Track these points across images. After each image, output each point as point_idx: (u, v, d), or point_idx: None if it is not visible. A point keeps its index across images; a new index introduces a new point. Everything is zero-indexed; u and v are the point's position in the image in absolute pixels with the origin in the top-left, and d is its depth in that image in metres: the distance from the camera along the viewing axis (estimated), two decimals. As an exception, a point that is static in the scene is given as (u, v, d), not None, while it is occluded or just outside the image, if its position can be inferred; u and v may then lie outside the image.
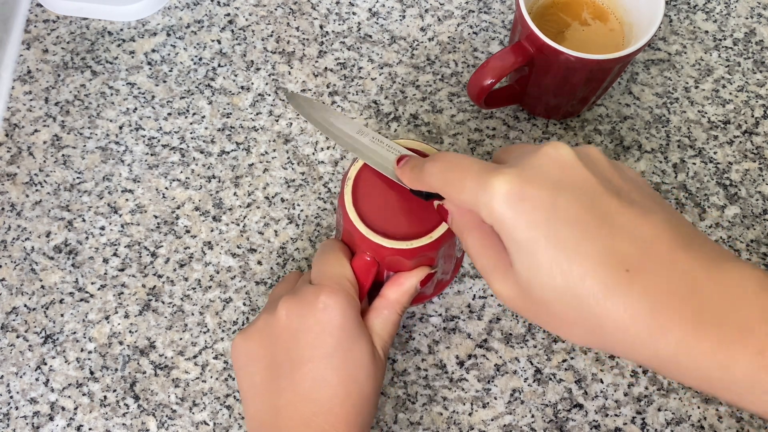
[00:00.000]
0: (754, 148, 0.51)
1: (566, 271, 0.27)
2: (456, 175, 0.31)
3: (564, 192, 0.28)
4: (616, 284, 0.26)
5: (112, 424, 0.44)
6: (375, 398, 0.37)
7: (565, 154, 0.29)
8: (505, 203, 0.28)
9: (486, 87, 0.45)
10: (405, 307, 0.40)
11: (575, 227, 0.27)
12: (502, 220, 0.28)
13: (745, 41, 0.54)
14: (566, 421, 0.44)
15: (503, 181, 0.28)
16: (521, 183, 0.28)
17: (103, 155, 0.51)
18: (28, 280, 0.47)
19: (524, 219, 0.28)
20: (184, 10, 0.55)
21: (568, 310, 0.28)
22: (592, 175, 0.29)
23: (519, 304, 0.30)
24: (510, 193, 0.28)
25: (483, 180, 0.29)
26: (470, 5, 0.55)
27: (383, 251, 0.38)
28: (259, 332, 0.38)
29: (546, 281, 0.28)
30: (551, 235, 0.27)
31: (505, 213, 0.28)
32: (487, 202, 0.29)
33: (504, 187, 0.28)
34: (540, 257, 0.27)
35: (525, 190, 0.28)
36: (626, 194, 0.29)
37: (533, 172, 0.29)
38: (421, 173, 0.33)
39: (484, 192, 0.29)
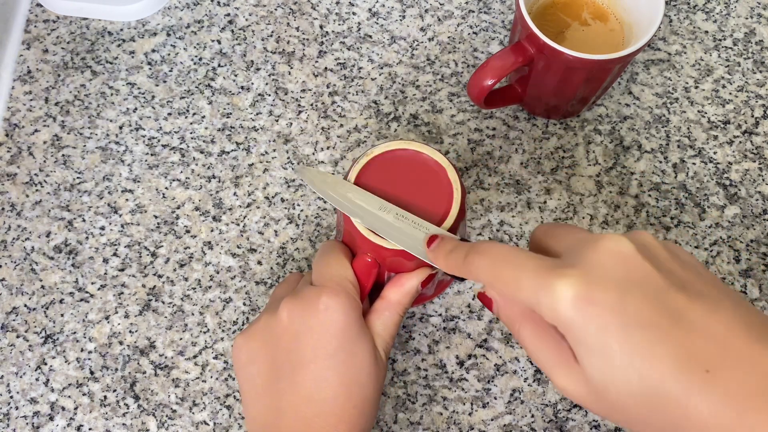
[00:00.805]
0: (754, 148, 0.51)
1: (643, 376, 0.26)
2: (509, 272, 0.30)
3: (631, 292, 0.27)
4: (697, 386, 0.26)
5: (112, 424, 0.44)
6: (376, 399, 0.37)
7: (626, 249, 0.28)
8: (572, 308, 0.27)
9: (486, 87, 0.45)
10: (406, 308, 0.40)
11: (647, 329, 0.27)
12: (569, 324, 0.28)
13: (745, 41, 0.54)
14: (566, 421, 0.44)
15: (568, 284, 0.27)
16: (587, 285, 0.27)
17: (103, 155, 0.51)
18: (28, 280, 0.47)
19: (595, 323, 0.27)
20: (184, 10, 0.55)
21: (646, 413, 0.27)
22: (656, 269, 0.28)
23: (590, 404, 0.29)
24: (577, 296, 0.27)
25: (544, 281, 0.28)
26: (470, 5, 0.55)
27: (384, 252, 0.38)
28: (261, 333, 0.38)
29: (622, 385, 0.27)
30: (624, 339, 0.27)
31: (574, 317, 0.27)
32: (550, 305, 0.28)
33: (570, 292, 0.27)
34: (614, 362, 0.27)
35: (592, 293, 0.27)
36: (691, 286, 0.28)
37: (598, 273, 0.28)
38: (465, 265, 0.32)
39: (546, 295, 0.28)
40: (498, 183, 0.50)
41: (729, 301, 0.28)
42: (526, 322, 0.31)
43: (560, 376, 0.30)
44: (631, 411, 0.27)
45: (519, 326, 0.32)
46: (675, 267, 0.29)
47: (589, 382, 0.28)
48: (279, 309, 0.37)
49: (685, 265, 0.29)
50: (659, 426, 0.27)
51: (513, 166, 0.50)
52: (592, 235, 0.30)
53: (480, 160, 0.50)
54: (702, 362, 0.26)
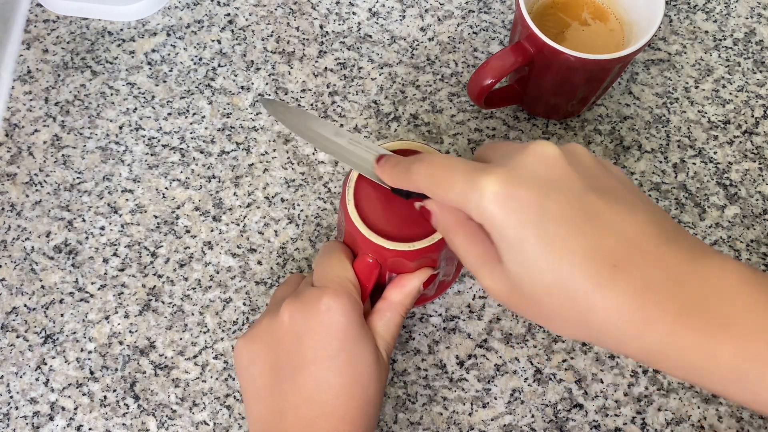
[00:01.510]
0: (754, 148, 0.51)
1: (555, 268, 0.28)
2: (443, 174, 0.31)
3: (551, 190, 0.29)
4: (604, 279, 0.28)
5: (112, 424, 0.44)
6: (378, 400, 0.37)
7: (551, 152, 0.30)
8: (494, 202, 0.29)
9: (486, 87, 0.45)
10: (408, 308, 0.40)
11: (563, 225, 0.28)
12: (491, 219, 0.29)
13: (745, 41, 0.54)
14: (566, 421, 0.44)
15: (492, 181, 0.29)
16: (510, 182, 0.29)
17: (103, 155, 0.51)
18: (28, 280, 0.47)
19: (514, 217, 0.29)
20: (184, 10, 0.55)
21: (557, 304, 0.29)
22: (578, 173, 0.30)
23: (509, 298, 0.31)
24: (499, 192, 0.29)
25: (472, 179, 0.30)
26: (470, 5, 0.55)
27: (385, 253, 0.38)
28: (262, 335, 0.38)
29: (536, 277, 0.29)
30: (540, 232, 0.28)
31: (495, 212, 0.29)
32: (476, 201, 0.29)
33: (493, 187, 0.29)
34: (530, 254, 0.28)
35: (514, 190, 0.29)
36: (611, 192, 0.30)
37: (521, 171, 0.29)
38: (407, 173, 0.34)
39: (473, 191, 0.29)
40: None
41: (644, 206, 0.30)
42: (459, 229, 0.33)
43: (485, 275, 0.31)
44: (544, 303, 0.29)
45: (453, 234, 0.33)
46: (598, 174, 0.30)
47: (508, 279, 0.30)
48: (280, 310, 0.37)
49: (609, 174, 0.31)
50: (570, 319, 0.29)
51: (513, 166, 0.50)
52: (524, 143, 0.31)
53: (480, 160, 0.50)
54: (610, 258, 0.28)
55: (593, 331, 0.29)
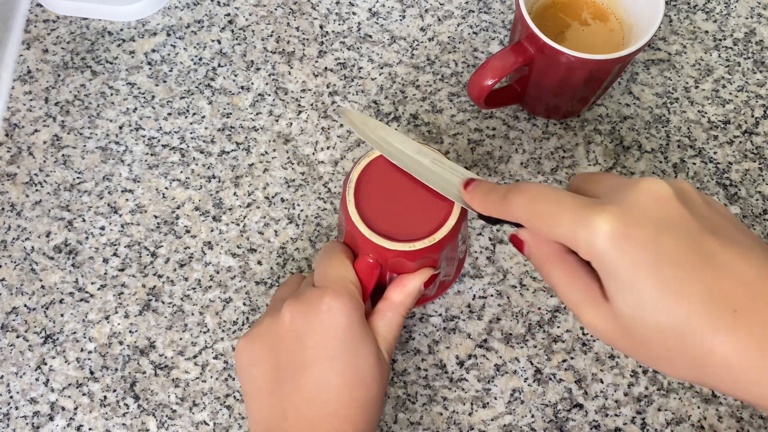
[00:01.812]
0: (754, 148, 0.51)
1: (671, 310, 0.27)
2: (548, 208, 0.30)
3: (666, 231, 0.28)
4: (723, 324, 0.27)
5: (112, 424, 0.44)
6: (380, 400, 0.37)
7: (663, 190, 0.29)
8: (609, 242, 0.28)
9: (486, 87, 0.45)
10: (409, 308, 0.40)
11: (680, 267, 0.28)
12: (604, 258, 0.28)
13: (745, 41, 0.54)
14: (566, 421, 0.44)
15: (606, 219, 0.28)
16: (625, 221, 0.28)
17: (103, 155, 0.51)
18: (28, 280, 0.47)
19: (629, 258, 0.28)
20: (184, 10, 0.55)
21: (671, 347, 0.28)
22: (691, 213, 0.29)
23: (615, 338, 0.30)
24: (614, 231, 0.28)
25: (582, 216, 0.29)
26: (470, 5, 0.55)
27: (386, 253, 0.38)
28: (263, 335, 0.38)
29: (650, 319, 0.28)
30: (656, 274, 0.28)
31: (609, 251, 0.28)
32: (588, 239, 0.29)
33: (608, 226, 0.28)
34: (645, 296, 0.28)
35: (629, 229, 0.28)
36: (724, 231, 0.29)
37: (635, 210, 0.29)
38: (503, 202, 0.33)
39: (584, 228, 0.29)
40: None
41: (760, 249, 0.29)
42: (556, 263, 0.32)
43: (588, 312, 0.30)
44: (657, 346, 0.28)
45: (549, 267, 0.32)
46: (710, 214, 0.30)
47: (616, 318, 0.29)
48: (281, 311, 0.37)
49: (719, 213, 0.30)
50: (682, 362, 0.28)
51: (513, 166, 0.50)
52: (632, 178, 0.31)
53: (480, 160, 0.50)
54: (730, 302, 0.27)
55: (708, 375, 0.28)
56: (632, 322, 0.29)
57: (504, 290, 0.47)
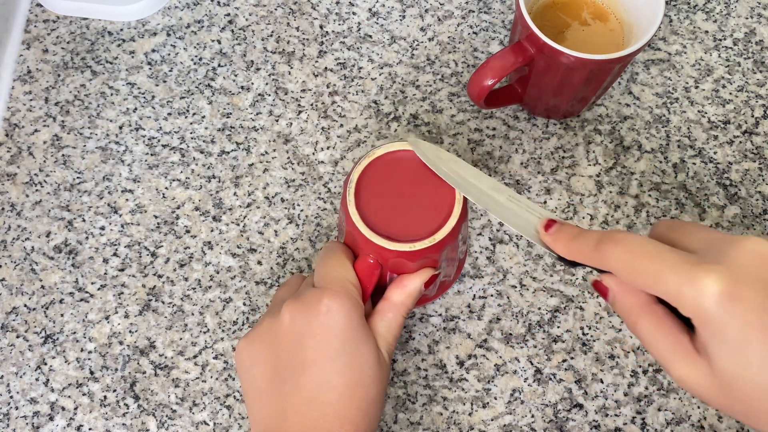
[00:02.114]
0: (754, 148, 0.51)
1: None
2: (650, 264, 0.30)
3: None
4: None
5: (112, 424, 0.44)
6: (380, 401, 0.37)
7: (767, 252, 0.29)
8: (717, 303, 0.28)
9: (486, 87, 0.45)
10: (409, 309, 0.40)
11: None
12: (711, 318, 0.29)
13: (745, 41, 0.54)
14: (566, 421, 0.44)
15: (716, 280, 0.28)
16: (734, 283, 0.28)
17: (103, 155, 0.51)
18: (28, 280, 0.47)
19: (738, 319, 0.28)
20: (184, 10, 0.55)
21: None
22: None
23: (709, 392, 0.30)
24: (723, 292, 0.28)
25: (689, 275, 0.29)
26: (470, 5, 0.55)
27: (386, 254, 0.38)
28: (263, 336, 0.38)
29: (755, 379, 0.28)
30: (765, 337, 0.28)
31: (717, 312, 0.28)
32: (694, 298, 0.29)
33: (717, 287, 0.28)
34: (752, 357, 0.28)
35: (739, 291, 0.28)
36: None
37: (742, 272, 0.29)
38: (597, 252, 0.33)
39: (691, 287, 0.29)
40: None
41: None
42: (645, 314, 0.32)
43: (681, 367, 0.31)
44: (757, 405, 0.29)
45: (637, 317, 0.32)
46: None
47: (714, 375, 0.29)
48: (281, 311, 0.37)
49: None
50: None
51: (513, 166, 0.50)
52: (730, 235, 0.31)
53: (480, 160, 0.50)
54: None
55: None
56: (735, 381, 0.29)
57: (504, 290, 0.47)
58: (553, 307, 0.47)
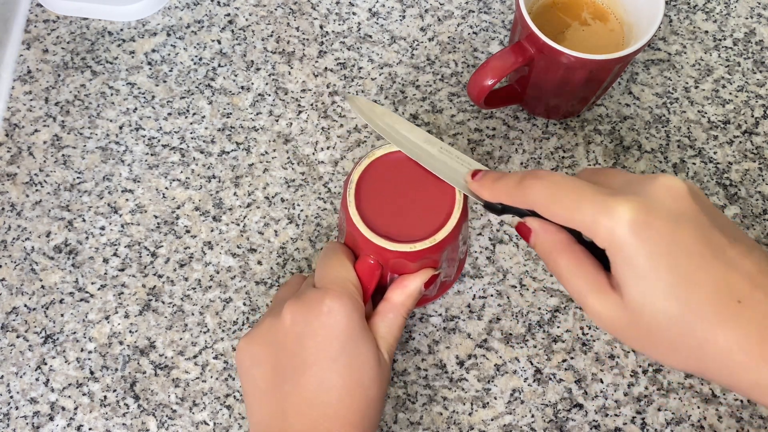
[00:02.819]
0: (754, 148, 0.51)
1: (682, 299, 0.29)
2: (569, 194, 0.31)
3: (682, 224, 0.29)
4: (728, 313, 0.28)
5: (112, 424, 0.44)
6: (380, 402, 0.37)
7: (680, 187, 0.30)
8: (629, 230, 0.29)
9: (486, 87, 0.45)
10: (410, 309, 0.40)
11: (693, 258, 0.29)
12: (623, 246, 0.29)
13: (745, 41, 0.54)
14: (566, 421, 0.44)
15: (629, 208, 0.29)
16: (645, 212, 0.29)
17: (103, 155, 0.51)
18: (28, 280, 0.47)
19: (647, 247, 0.29)
20: (184, 10, 0.55)
21: (675, 335, 0.29)
22: (702, 210, 0.30)
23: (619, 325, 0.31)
24: (636, 220, 0.29)
25: (605, 204, 0.30)
26: (470, 5, 0.55)
27: (387, 254, 0.37)
28: (264, 336, 0.38)
29: (660, 307, 0.29)
30: (672, 263, 0.29)
31: (629, 239, 0.29)
32: (608, 226, 0.29)
33: (630, 214, 0.29)
34: (659, 285, 0.29)
35: (650, 219, 0.29)
36: (728, 230, 0.31)
37: (654, 203, 0.30)
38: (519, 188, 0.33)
39: (606, 216, 0.29)
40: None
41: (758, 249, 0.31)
42: (563, 252, 0.33)
43: (595, 301, 0.31)
44: (661, 333, 0.30)
45: (556, 255, 0.33)
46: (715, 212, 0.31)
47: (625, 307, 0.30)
48: (282, 312, 0.37)
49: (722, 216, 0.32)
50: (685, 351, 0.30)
51: (513, 166, 0.50)
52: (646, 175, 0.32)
53: (480, 160, 0.50)
54: (735, 294, 0.29)
55: (706, 363, 0.29)
56: (642, 310, 0.29)
57: (504, 290, 0.47)
58: (553, 307, 0.47)
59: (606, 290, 0.31)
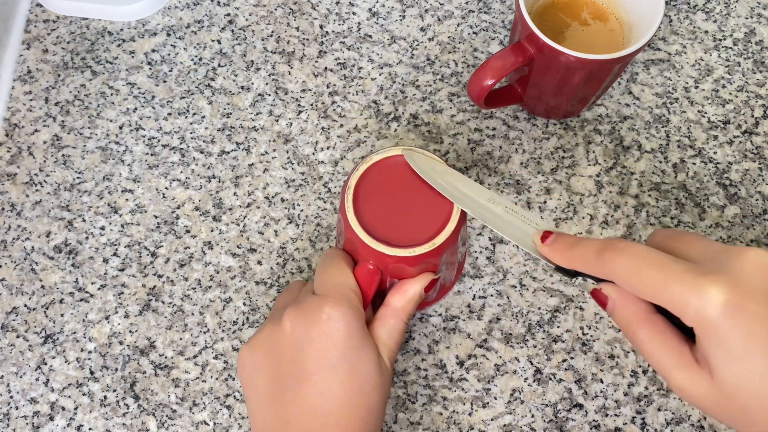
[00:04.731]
0: (754, 148, 0.51)
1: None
2: (654, 274, 0.31)
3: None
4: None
5: (112, 424, 0.44)
6: (382, 408, 0.37)
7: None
8: (722, 312, 0.29)
9: (486, 87, 0.45)
10: (410, 314, 0.39)
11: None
12: (714, 328, 0.29)
13: (745, 41, 0.54)
14: (566, 421, 0.44)
15: (720, 291, 0.29)
16: (738, 294, 0.29)
17: (103, 155, 0.51)
18: (28, 280, 0.47)
19: (742, 329, 0.29)
20: (184, 10, 0.55)
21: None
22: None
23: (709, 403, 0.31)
24: (728, 302, 0.29)
25: (694, 285, 0.29)
26: (470, 5, 0.55)
27: (386, 259, 0.37)
28: (264, 344, 0.38)
29: (757, 390, 0.29)
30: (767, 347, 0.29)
31: (721, 322, 0.29)
32: (698, 308, 0.29)
33: (723, 297, 0.29)
34: (755, 368, 0.29)
35: (743, 302, 0.29)
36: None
37: (746, 282, 0.29)
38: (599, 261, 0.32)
39: (696, 297, 0.29)
40: (498, 183, 0.50)
41: None
42: (645, 323, 0.32)
43: (680, 376, 0.31)
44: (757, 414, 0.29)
45: (636, 327, 0.32)
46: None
47: (715, 384, 0.30)
48: (282, 319, 0.37)
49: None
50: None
51: (513, 166, 0.50)
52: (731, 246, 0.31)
53: (480, 160, 0.50)
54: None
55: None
56: (737, 391, 0.29)
57: (504, 290, 0.47)
58: (553, 307, 0.47)
59: (692, 366, 0.30)
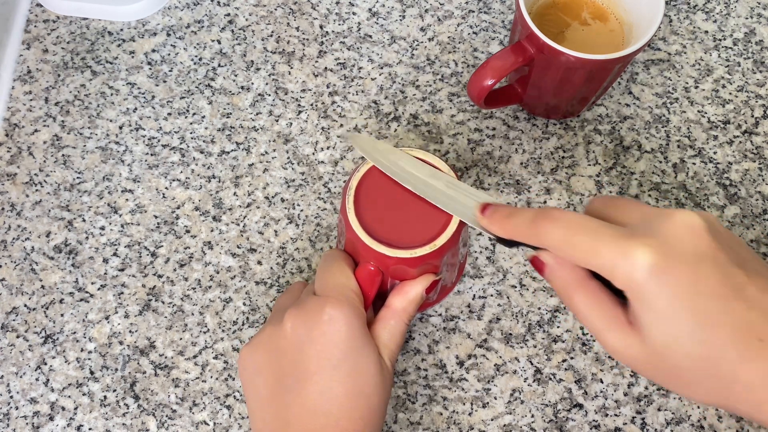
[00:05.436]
0: (754, 148, 0.51)
1: (706, 341, 0.29)
2: (585, 239, 0.31)
3: (702, 264, 0.29)
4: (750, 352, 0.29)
5: (112, 424, 0.44)
6: (383, 409, 0.37)
7: (697, 224, 0.30)
8: (649, 274, 0.29)
9: (486, 87, 0.45)
10: (411, 315, 0.39)
11: (714, 299, 0.29)
12: (642, 289, 0.29)
13: (745, 41, 0.54)
14: (566, 421, 0.44)
15: (647, 252, 0.29)
16: (664, 255, 0.29)
17: (103, 155, 0.51)
18: (28, 280, 0.47)
19: (668, 290, 0.29)
20: (184, 10, 0.55)
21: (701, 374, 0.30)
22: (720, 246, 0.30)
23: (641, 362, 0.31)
24: (655, 264, 0.29)
25: (622, 248, 0.30)
26: (470, 5, 0.55)
27: (387, 260, 0.37)
28: (265, 345, 0.38)
29: (684, 349, 0.29)
30: (694, 307, 0.29)
31: (649, 283, 0.29)
32: (626, 270, 0.30)
33: (648, 259, 0.29)
34: (682, 327, 0.29)
35: (669, 263, 0.29)
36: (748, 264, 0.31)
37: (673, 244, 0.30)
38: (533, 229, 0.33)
39: (624, 260, 0.30)
40: (498, 183, 0.50)
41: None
42: (579, 288, 0.33)
43: (614, 338, 0.31)
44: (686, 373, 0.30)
45: (572, 291, 0.33)
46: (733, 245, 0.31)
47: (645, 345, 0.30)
48: (283, 320, 0.37)
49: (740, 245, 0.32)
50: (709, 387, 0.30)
51: (513, 166, 0.50)
52: (663, 209, 0.32)
53: (480, 160, 0.50)
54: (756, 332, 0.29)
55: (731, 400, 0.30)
56: (666, 351, 0.30)
57: (504, 290, 0.47)
58: (553, 307, 0.47)
59: (624, 327, 0.31)
